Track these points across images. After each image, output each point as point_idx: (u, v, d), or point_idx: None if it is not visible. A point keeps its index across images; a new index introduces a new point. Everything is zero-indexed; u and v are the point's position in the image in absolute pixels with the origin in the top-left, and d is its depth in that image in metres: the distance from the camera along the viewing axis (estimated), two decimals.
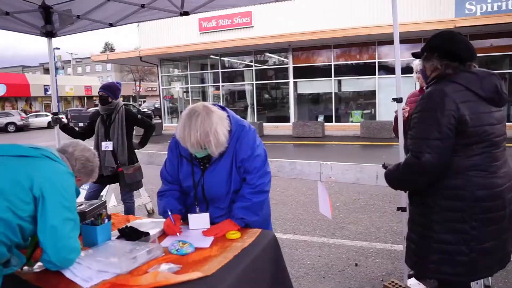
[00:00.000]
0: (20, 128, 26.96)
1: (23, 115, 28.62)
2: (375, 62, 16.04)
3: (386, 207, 5.33)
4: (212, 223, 2.11)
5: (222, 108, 2.05)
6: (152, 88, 52.75)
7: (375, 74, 16.13)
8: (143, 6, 3.75)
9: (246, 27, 18.62)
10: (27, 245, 1.75)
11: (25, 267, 1.72)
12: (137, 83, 48.87)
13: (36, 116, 30.31)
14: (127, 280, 1.53)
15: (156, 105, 31.80)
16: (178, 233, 2.00)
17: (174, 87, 20.83)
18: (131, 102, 38.99)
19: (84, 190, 4.22)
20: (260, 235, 2.00)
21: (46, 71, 51.87)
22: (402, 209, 2.84)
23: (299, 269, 3.52)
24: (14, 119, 27.18)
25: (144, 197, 5.26)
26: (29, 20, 4.15)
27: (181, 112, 20.49)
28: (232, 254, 1.77)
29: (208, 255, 1.78)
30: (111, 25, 4.14)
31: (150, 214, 5.33)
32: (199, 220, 2.08)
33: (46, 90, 36.88)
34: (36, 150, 1.67)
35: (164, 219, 2.13)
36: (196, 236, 1.98)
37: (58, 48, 32.88)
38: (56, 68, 34.68)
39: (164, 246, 1.85)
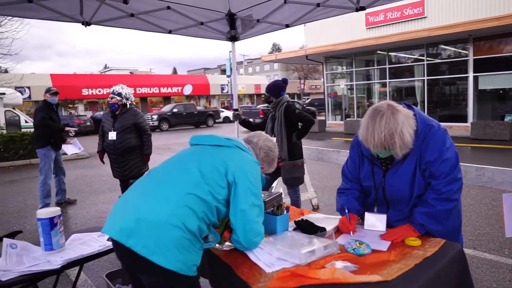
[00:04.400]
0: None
1: None
2: None
3: None
4: (390, 226, 2.01)
5: (408, 106, 1.92)
6: (316, 85, 53.87)
7: None
8: (318, 5, 3.82)
9: (418, 18, 17.24)
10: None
11: (217, 245, 1.95)
12: (302, 81, 50.52)
13: None
14: (306, 271, 1.57)
15: (316, 103, 31.81)
16: (352, 232, 1.97)
17: (339, 85, 20.77)
18: (295, 100, 40.63)
19: None
20: (444, 245, 1.81)
21: (223, 72, 58.17)
22: None
23: None
24: None
25: (310, 192, 5.39)
26: (217, 27, 4.70)
27: (345, 109, 20.49)
28: (413, 262, 1.65)
29: (387, 259, 1.70)
30: (287, 26, 4.36)
31: (315, 209, 5.45)
32: (376, 221, 2.02)
33: (222, 89, 41.53)
34: (229, 141, 1.87)
35: (339, 216, 2.14)
36: (373, 237, 1.92)
37: None
38: (231, 69, 38.57)
39: (340, 244, 1.84)
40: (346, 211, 2.04)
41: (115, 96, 4.81)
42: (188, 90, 38.91)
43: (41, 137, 6.02)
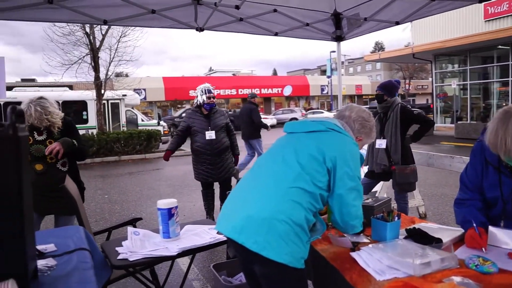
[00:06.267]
0: None
1: (303, 111, 32.92)
2: None
3: None
4: None
5: None
6: (422, 86, 50.35)
7: None
8: None
9: None
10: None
11: (336, 236, 1.95)
12: (407, 81, 47.65)
13: (313, 112, 34.28)
14: (421, 284, 1.48)
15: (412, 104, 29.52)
16: (484, 249, 1.77)
17: (450, 84, 19.10)
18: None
19: None
20: None
21: (323, 72, 57.69)
22: None
23: None
24: (296, 115, 31.64)
25: (417, 200, 5.05)
26: (322, 28, 4.67)
27: (456, 112, 18.78)
28: None
29: None
30: (397, 23, 4.16)
31: (422, 218, 5.08)
32: (503, 237, 1.80)
33: (322, 89, 41.15)
34: (323, 124, 1.84)
35: (457, 228, 1.96)
36: (499, 255, 1.71)
37: (334, 51, 35.94)
38: (331, 70, 38.05)
39: (459, 258, 1.69)
40: (474, 224, 1.84)
41: (212, 96, 4.78)
42: (288, 91, 39.38)
43: (257, 130, 8.43)
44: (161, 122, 17.43)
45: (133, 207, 6.48)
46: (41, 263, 1.49)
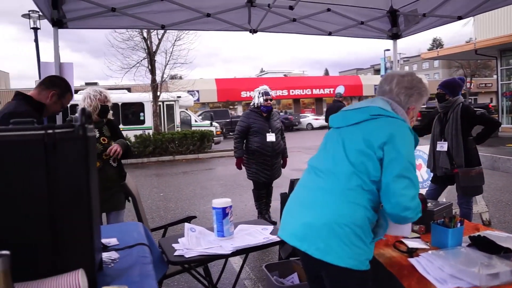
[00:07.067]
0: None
1: None
2: None
3: None
4: None
5: None
6: (485, 84, 47.22)
7: None
8: None
9: None
10: None
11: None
12: (468, 79, 44.93)
13: None
14: None
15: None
16: None
17: None
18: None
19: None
20: None
21: (376, 72, 55.97)
22: None
23: None
24: None
25: (481, 205, 4.74)
26: (378, 26, 4.54)
27: None
28: None
29: None
30: (459, 18, 3.93)
31: (485, 225, 4.77)
32: None
33: (375, 89, 39.89)
34: (366, 112, 1.71)
35: None
36: None
37: (388, 50, 34.71)
38: (386, 69, 36.76)
39: None
40: None
41: (270, 98, 4.82)
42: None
43: None
44: (214, 123, 17.82)
45: (187, 205, 6.68)
46: (105, 255, 1.58)
